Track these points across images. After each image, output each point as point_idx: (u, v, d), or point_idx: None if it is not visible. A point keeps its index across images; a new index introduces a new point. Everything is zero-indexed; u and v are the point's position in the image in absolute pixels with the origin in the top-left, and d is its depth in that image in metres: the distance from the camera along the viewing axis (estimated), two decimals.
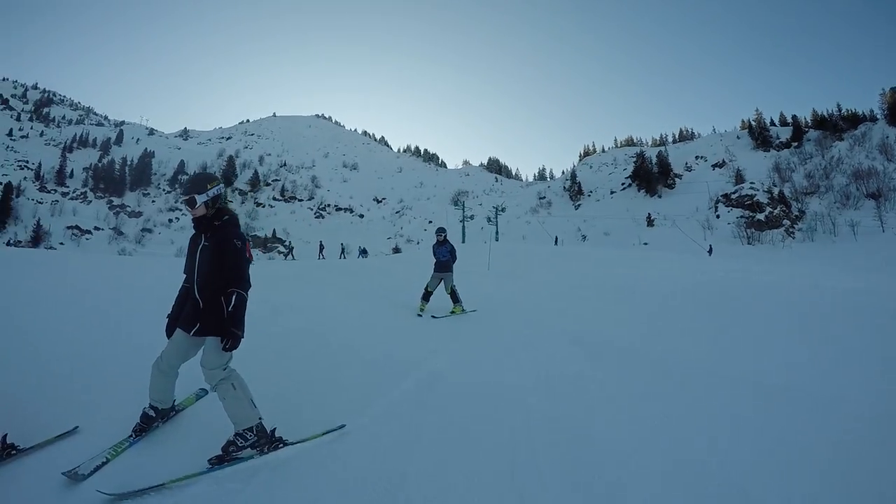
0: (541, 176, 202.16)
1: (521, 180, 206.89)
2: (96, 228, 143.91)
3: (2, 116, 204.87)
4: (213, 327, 3.90)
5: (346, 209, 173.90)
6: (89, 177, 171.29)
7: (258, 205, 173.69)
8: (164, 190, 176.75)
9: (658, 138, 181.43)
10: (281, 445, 4.00)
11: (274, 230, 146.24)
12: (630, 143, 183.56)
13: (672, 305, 12.25)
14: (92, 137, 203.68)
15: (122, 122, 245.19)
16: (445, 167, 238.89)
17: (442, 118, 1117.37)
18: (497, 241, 56.83)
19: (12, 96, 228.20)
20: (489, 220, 76.43)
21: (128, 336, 6.43)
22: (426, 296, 11.15)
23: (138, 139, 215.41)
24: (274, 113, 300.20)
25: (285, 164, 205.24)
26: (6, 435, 3.42)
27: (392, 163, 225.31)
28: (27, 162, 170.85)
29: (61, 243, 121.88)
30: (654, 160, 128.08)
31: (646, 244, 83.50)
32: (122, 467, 3.60)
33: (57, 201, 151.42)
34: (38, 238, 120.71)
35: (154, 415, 4.11)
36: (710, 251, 53.30)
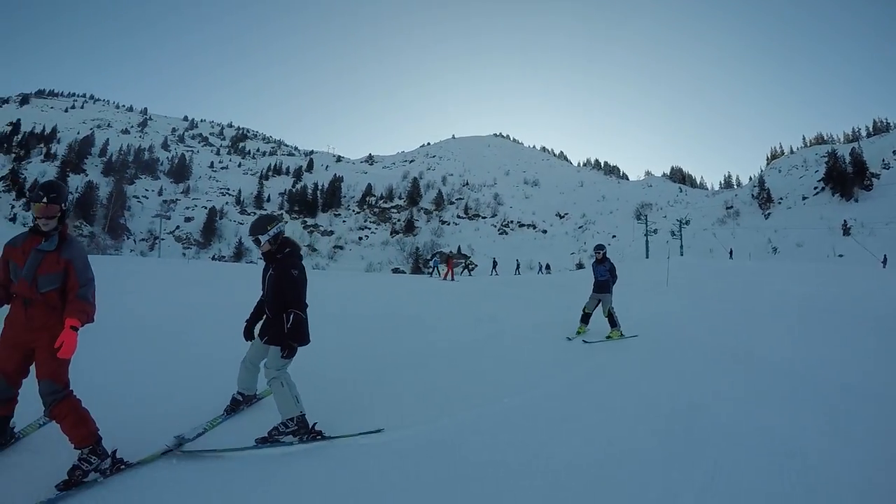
0: (727, 183, 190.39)
1: (707, 189, 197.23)
2: None
3: (204, 152, 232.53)
4: (274, 338, 5.04)
5: (528, 225, 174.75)
6: (284, 200, 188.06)
7: (443, 223, 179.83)
8: (353, 211, 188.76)
9: (850, 133, 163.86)
10: (319, 438, 4.96)
11: (459, 247, 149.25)
12: (820, 140, 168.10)
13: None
14: (285, 166, 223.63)
15: (312, 151, 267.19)
16: (627, 179, 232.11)
17: (621, 128, 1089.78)
18: (682, 255, 57.08)
19: (211, 134, 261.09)
20: (673, 233, 76.03)
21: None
22: (584, 318, 11.19)
23: (327, 166, 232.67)
24: (453, 135, 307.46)
25: (467, 184, 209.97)
26: (115, 451, 4.04)
27: (573, 177, 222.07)
28: (228, 189, 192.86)
29: (260, 259, 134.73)
30: (848, 159, 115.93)
31: (841, 256, 79.40)
32: (231, 432, 5.03)
33: None
34: (239, 254, 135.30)
35: (241, 399, 5.47)
36: (884, 262, 47.81)
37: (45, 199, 3.90)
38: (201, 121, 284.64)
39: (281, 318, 5.08)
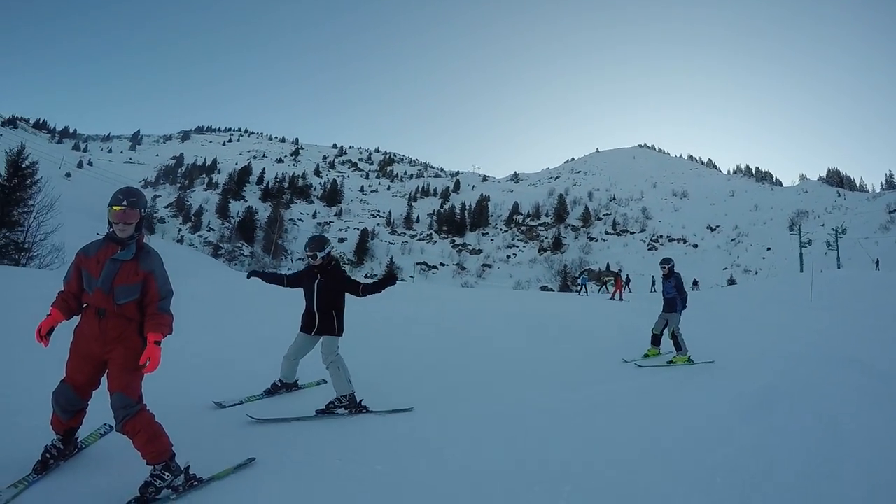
0: (888, 184, 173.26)
1: (867, 191, 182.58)
2: (441, 264, 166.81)
3: (354, 177, 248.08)
4: (328, 330, 6.35)
5: (678, 239, 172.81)
6: (433, 220, 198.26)
7: (591, 239, 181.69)
8: (500, 229, 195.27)
9: None
10: (364, 411, 6.16)
11: (608, 264, 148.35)
12: None
13: None
14: (432, 187, 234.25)
15: (458, 172, 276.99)
16: (780, 185, 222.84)
17: (772, 129, 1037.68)
18: (839, 268, 54.39)
19: (360, 159, 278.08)
20: (829, 244, 72.58)
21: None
22: (654, 340, 10.61)
23: (473, 186, 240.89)
24: (597, 148, 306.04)
25: (614, 198, 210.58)
26: (188, 466, 3.98)
27: (723, 186, 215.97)
28: (378, 211, 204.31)
29: (411, 276, 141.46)
30: None
31: None
32: (256, 408, 5.90)
33: (406, 242, 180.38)
34: (391, 272, 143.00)
35: (280, 385, 6.67)
36: None
37: (124, 203, 3.81)
38: (349, 147, 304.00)
39: (331, 315, 6.40)
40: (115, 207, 3.83)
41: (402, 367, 8.82)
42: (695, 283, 60.79)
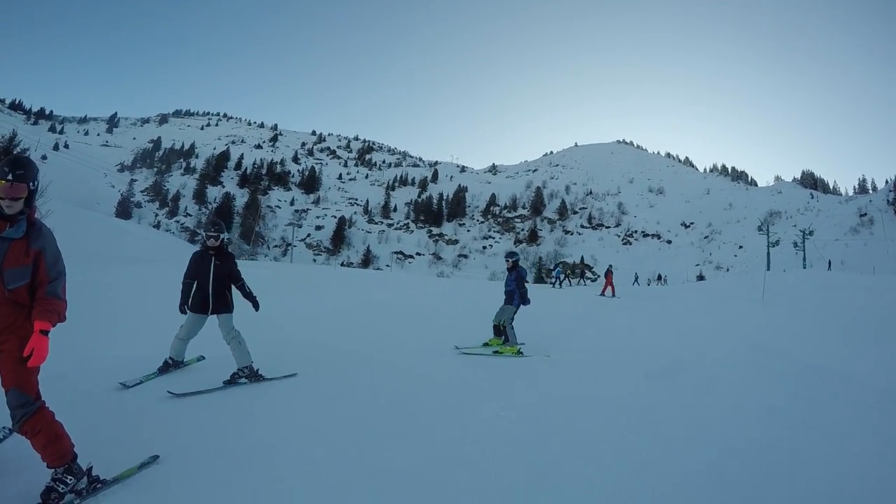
0: (861, 188, 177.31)
1: (840, 194, 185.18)
2: (418, 254, 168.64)
3: (332, 164, 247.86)
4: (225, 308, 6.72)
5: (653, 235, 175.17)
6: (410, 210, 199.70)
7: (567, 232, 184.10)
8: (477, 220, 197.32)
9: None
10: (261, 379, 6.69)
11: (582, 257, 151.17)
12: None
13: None
14: (410, 177, 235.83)
15: (437, 162, 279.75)
16: (756, 185, 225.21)
17: (749, 130, 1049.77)
18: (805, 268, 55.56)
19: (338, 147, 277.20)
20: (795, 245, 73.77)
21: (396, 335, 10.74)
22: (496, 330, 10.46)
23: (451, 176, 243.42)
24: (575, 143, 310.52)
25: (591, 193, 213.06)
26: (91, 467, 3.69)
27: (699, 184, 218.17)
28: (356, 199, 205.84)
29: (387, 265, 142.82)
30: None
31: None
32: (164, 384, 6.10)
33: (383, 231, 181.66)
34: (367, 260, 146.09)
35: (171, 363, 6.83)
36: None
37: (10, 177, 3.35)
38: (329, 135, 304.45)
39: (226, 295, 6.79)
40: (2, 181, 3.36)
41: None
42: (659, 277, 61.55)
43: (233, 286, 6.91)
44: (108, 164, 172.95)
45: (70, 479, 3.50)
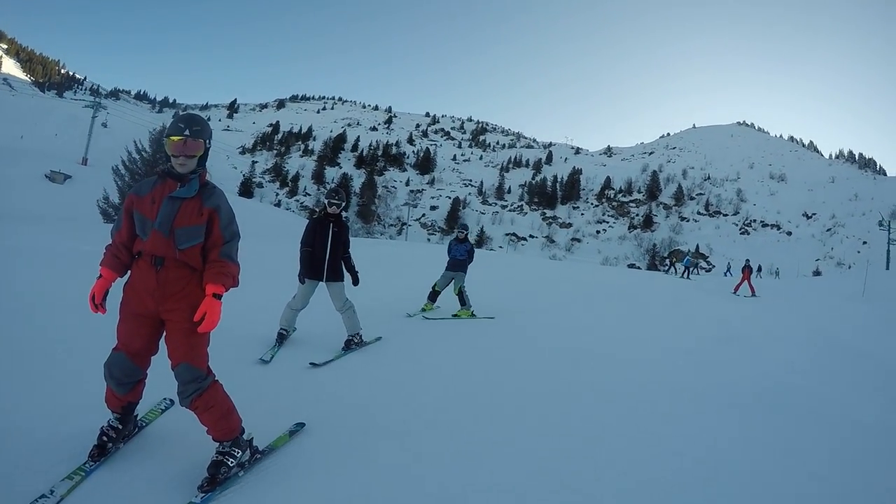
0: None
1: None
2: (531, 236, 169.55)
3: (447, 145, 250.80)
4: (338, 276, 6.95)
5: (772, 225, 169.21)
6: (524, 192, 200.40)
7: (682, 219, 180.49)
8: (591, 204, 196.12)
9: None
10: (365, 344, 7.13)
11: (697, 245, 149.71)
12: None
13: None
14: (525, 158, 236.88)
15: (551, 144, 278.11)
16: (885, 174, 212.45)
17: (880, 113, 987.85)
18: None
19: (452, 128, 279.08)
20: None
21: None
22: (433, 295, 10.87)
23: (566, 158, 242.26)
24: (693, 124, 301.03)
25: (709, 178, 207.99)
26: (251, 437, 3.65)
27: (823, 171, 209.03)
28: (470, 181, 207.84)
29: (500, 247, 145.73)
30: None
31: None
32: (292, 354, 6.29)
33: (497, 212, 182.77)
34: (480, 241, 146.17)
35: (285, 333, 6.87)
36: None
37: (186, 132, 3.23)
38: (442, 116, 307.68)
39: (340, 263, 7.04)
40: (173, 138, 3.27)
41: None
42: (759, 269, 59.54)
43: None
44: (230, 147, 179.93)
45: (237, 452, 3.46)
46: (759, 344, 10.77)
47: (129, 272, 3.40)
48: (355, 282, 7.25)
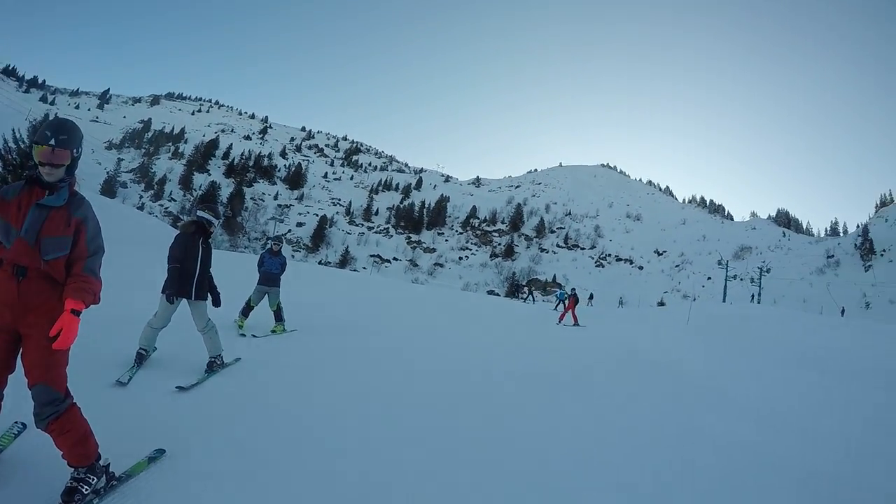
0: (832, 230, 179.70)
1: (812, 235, 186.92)
2: (395, 259, 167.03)
3: (320, 162, 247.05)
4: (204, 294, 6.67)
5: (626, 260, 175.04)
6: (392, 215, 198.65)
7: (542, 250, 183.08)
8: (456, 231, 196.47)
9: None
10: (227, 366, 6.87)
11: (554, 275, 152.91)
12: None
13: None
14: (395, 182, 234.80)
15: (422, 170, 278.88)
16: (731, 219, 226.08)
17: (730, 165, 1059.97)
18: (758, 302, 58.04)
19: (326, 145, 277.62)
20: (752, 280, 75.19)
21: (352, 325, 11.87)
22: (246, 311, 10.38)
23: (435, 185, 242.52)
24: (560, 162, 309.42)
25: (570, 213, 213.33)
26: (108, 463, 3.51)
27: (676, 214, 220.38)
28: (339, 200, 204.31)
29: (364, 268, 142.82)
30: None
31: None
32: (147, 377, 5.87)
33: (363, 233, 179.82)
34: (344, 261, 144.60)
35: (144, 354, 6.34)
36: None
37: (52, 142, 3.10)
38: (318, 132, 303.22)
39: (206, 280, 6.73)
40: (40, 146, 3.10)
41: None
42: (591, 296, 60.68)
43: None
44: (97, 140, 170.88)
45: (92, 479, 3.29)
46: (568, 351, 13.37)
47: None
48: (216, 303, 6.99)
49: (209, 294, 6.82)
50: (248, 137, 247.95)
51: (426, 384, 7.74)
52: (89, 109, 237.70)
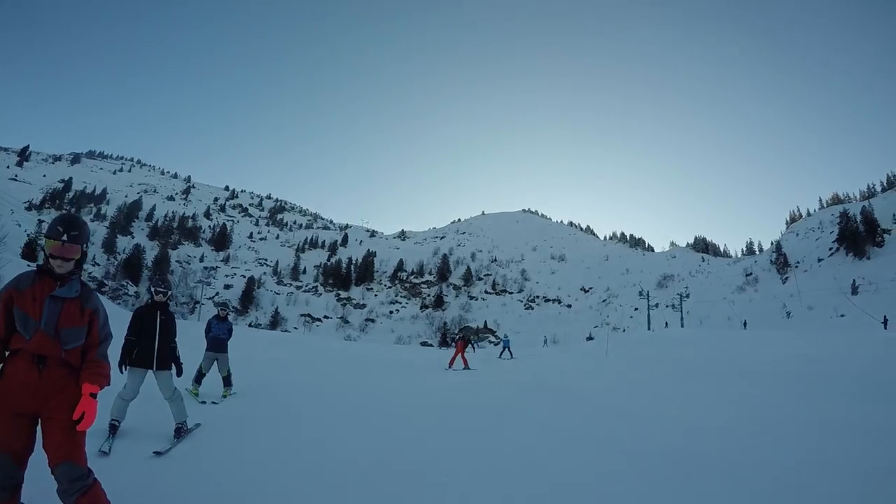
0: (748, 250, 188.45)
1: (730, 257, 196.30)
2: (325, 317, 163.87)
3: (244, 222, 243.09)
4: (167, 364, 6.94)
5: (554, 300, 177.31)
6: (319, 273, 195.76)
7: (471, 298, 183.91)
8: (385, 285, 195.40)
9: (866, 189, 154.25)
10: (193, 428, 7.07)
11: (486, 321, 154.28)
12: (836, 200, 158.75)
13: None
14: (321, 240, 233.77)
15: (347, 226, 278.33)
16: (652, 251, 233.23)
17: (646, 200, 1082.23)
18: (682, 326, 61.19)
19: (250, 205, 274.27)
20: (673, 307, 76.98)
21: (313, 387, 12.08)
22: (198, 378, 10.51)
23: (361, 241, 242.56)
24: (483, 211, 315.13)
25: (496, 260, 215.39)
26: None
27: (599, 251, 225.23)
28: (266, 260, 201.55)
29: (295, 328, 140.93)
30: (860, 217, 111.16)
31: (842, 316, 76.80)
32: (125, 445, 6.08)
33: (292, 293, 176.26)
34: (275, 322, 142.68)
35: (117, 424, 6.49)
36: (884, 323, 45.94)
37: (64, 237, 3.29)
38: (241, 191, 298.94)
39: (168, 351, 7.05)
40: (52, 241, 3.30)
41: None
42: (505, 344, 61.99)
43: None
44: (17, 200, 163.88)
45: None
46: (480, 387, 13.98)
47: None
48: (179, 373, 7.27)
49: (175, 364, 7.20)
50: (171, 198, 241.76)
51: (378, 430, 8.17)
52: (8, 167, 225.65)
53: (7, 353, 3.28)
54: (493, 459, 6.47)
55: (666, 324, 78.02)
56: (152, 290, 7.20)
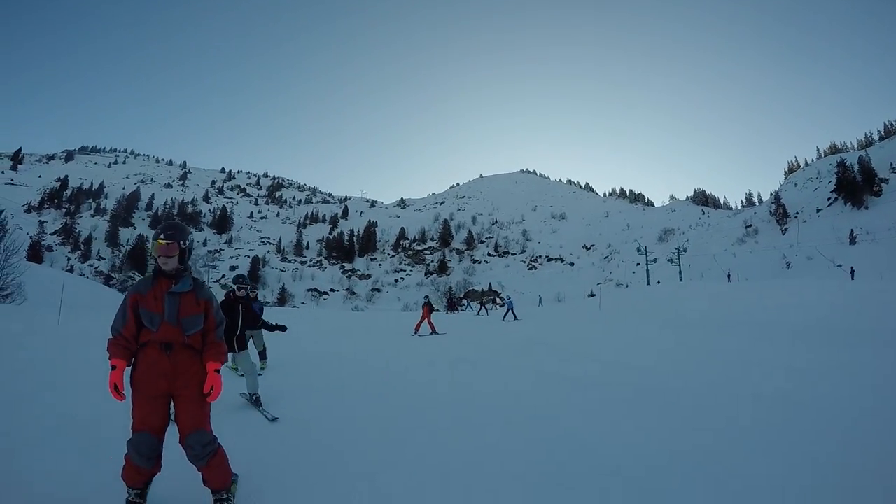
0: (748, 202, 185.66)
1: (730, 209, 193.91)
2: (332, 290, 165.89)
3: (243, 202, 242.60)
4: (245, 345, 7.67)
5: (556, 259, 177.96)
6: (323, 247, 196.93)
7: (474, 261, 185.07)
8: (388, 254, 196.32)
9: (863, 138, 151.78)
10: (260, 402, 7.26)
11: (490, 284, 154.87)
12: (834, 149, 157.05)
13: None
14: (321, 214, 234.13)
15: (346, 198, 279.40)
16: (652, 205, 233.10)
17: (646, 153, 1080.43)
18: (681, 280, 61.02)
19: (248, 185, 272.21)
20: (670, 261, 76.02)
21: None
22: (261, 354, 11.16)
23: (361, 212, 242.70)
24: (481, 174, 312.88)
25: (497, 222, 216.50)
26: (237, 476, 4.26)
27: (599, 208, 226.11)
28: (268, 238, 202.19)
29: (303, 303, 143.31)
30: (857, 167, 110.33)
31: (839, 266, 76.87)
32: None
33: (297, 269, 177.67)
34: (283, 299, 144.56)
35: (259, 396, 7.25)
36: (851, 274, 50.14)
37: (162, 237, 3.74)
38: (238, 172, 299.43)
39: (245, 336, 7.87)
40: (158, 241, 3.76)
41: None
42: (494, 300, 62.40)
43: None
44: (16, 204, 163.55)
45: (230, 497, 3.91)
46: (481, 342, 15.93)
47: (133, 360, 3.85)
48: (284, 329, 9.09)
49: (278, 329, 8.95)
50: (168, 185, 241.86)
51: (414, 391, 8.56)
52: (3, 172, 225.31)
53: (142, 346, 3.76)
54: (490, 399, 7.48)
55: (658, 281, 76.97)
56: (233, 286, 8.14)
